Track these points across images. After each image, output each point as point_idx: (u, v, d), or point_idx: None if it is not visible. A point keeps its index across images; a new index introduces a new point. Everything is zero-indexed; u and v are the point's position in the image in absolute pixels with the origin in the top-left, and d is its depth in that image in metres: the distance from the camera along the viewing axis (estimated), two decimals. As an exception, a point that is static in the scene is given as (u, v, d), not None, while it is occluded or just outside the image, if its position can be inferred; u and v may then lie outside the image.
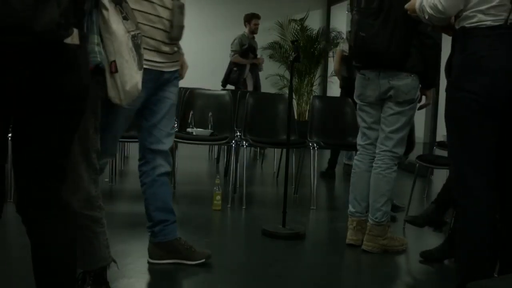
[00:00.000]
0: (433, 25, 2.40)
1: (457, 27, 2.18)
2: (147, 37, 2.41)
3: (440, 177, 5.21)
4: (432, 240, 3.36)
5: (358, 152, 3.34)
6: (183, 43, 2.68)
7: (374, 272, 2.94)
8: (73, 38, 1.52)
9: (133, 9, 2.15)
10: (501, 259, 2.33)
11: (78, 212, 1.95)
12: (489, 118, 2.10)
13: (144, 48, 2.22)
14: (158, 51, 2.51)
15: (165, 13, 2.49)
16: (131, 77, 1.98)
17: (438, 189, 3.29)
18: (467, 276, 2.16)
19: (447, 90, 2.26)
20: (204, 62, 9.25)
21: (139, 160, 2.72)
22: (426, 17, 2.27)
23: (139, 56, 2.02)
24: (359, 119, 3.33)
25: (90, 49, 1.85)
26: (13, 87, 1.46)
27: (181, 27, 2.56)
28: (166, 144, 2.67)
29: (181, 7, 2.54)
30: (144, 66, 2.20)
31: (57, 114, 1.57)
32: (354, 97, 3.33)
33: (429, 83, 3.21)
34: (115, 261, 2.17)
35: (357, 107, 3.32)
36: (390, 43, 2.97)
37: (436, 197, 3.24)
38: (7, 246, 3.02)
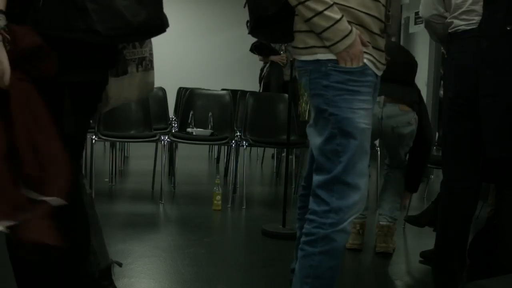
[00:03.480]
0: None
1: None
2: (363, 27, 1.72)
3: (440, 177, 5.20)
4: (432, 240, 3.34)
5: None
6: (183, 43, 2.63)
7: (374, 272, 2.94)
8: None
9: None
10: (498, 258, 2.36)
11: (87, 211, 1.97)
12: (464, 116, 2.24)
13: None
14: (374, 47, 1.77)
15: None
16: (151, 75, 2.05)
17: (438, 189, 3.29)
18: (435, 264, 2.44)
19: None
20: (204, 62, 9.25)
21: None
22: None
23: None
24: None
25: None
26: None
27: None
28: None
29: None
30: (365, 61, 1.72)
31: None
32: None
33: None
34: (117, 263, 2.18)
35: None
36: (399, 54, 3.02)
37: (436, 197, 3.24)
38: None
